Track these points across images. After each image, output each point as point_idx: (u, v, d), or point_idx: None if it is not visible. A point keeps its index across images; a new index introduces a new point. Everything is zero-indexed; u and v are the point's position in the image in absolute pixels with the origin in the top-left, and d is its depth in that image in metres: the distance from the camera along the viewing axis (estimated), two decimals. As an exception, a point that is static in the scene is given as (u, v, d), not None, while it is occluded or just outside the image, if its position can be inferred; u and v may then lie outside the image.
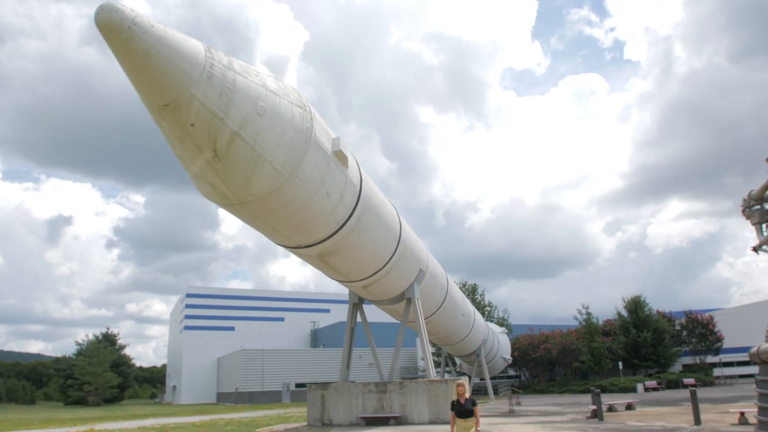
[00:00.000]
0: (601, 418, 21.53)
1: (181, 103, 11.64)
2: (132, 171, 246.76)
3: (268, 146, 14.19)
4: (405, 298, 24.22)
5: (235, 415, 36.20)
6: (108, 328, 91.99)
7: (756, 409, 13.70)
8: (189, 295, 79.35)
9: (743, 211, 15.24)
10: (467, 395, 9.98)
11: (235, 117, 13.14)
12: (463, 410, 9.82)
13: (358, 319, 26.38)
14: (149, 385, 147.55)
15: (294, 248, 18.54)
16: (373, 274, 21.37)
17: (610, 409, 25.72)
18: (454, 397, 10.05)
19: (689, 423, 18.90)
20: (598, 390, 22.59)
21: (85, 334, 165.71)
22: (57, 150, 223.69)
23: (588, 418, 23.02)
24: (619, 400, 30.42)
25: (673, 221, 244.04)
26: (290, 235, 17.38)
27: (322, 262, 19.60)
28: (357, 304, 25.62)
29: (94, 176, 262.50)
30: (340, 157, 16.72)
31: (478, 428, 9.86)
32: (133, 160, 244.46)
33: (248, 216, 16.23)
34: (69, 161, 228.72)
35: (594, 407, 23.49)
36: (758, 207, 14.73)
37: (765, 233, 14.48)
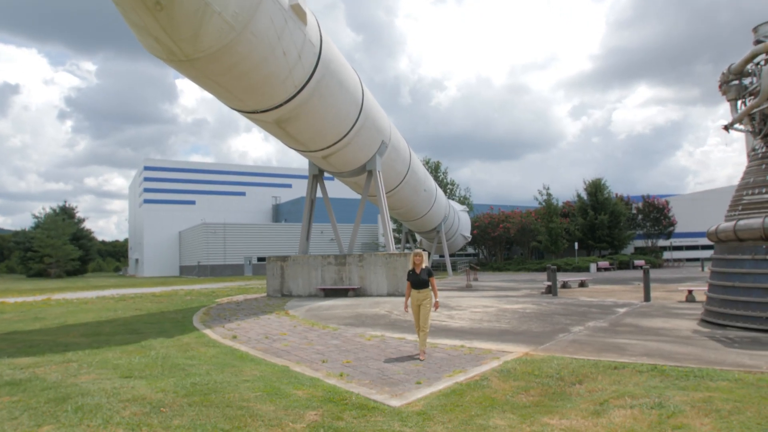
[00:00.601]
0: (555, 294, 21.99)
1: (108, -68, 9.98)
2: (80, 35, 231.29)
3: (216, -6, 12.62)
4: (366, 170, 23.54)
5: (196, 287, 36.32)
6: (65, 201, 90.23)
7: (706, 287, 13.87)
8: (147, 168, 77.29)
9: (720, 87, 14.54)
10: (424, 266, 9.51)
11: (176, -44, 11.51)
12: (419, 280, 9.36)
13: (319, 193, 25.75)
14: (113, 259, 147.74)
15: (249, 113, 17.34)
16: (334, 144, 20.47)
17: (564, 285, 26.39)
18: (410, 267, 9.60)
19: (639, 299, 19.37)
20: (554, 267, 22.92)
21: (42, 207, 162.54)
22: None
23: (542, 293, 23.54)
24: (572, 277, 31.29)
25: (639, 107, 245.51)
26: (245, 99, 16.13)
27: (279, 129, 18.52)
28: (317, 176, 24.88)
29: (40, 41, 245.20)
30: (298, 12, 15.16)
31: (437, 299, 9.50)
32: (80, 23, 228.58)
33: (198, 75, 14.85)
34: (9, 23, 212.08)
35: (549, 283, 23.98)
36: (736, 82, 14.01)
37: (740, 110, 13.90)
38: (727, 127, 14.26)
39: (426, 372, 8.15)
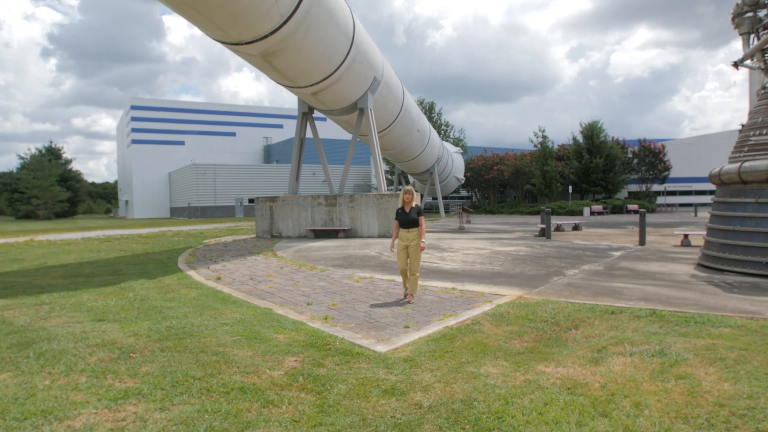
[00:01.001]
0: (548, 237, 21.69)
1: None
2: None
3: None
4: (357, 108, 22.74)
5: (185, 228, 35.91)
6: (51, 142, 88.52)
7: (702, 231, 13.51)
8: (134, 107, 75.33)
9: (733, 19, 13.75)
10: (414, 204, 9.01)
11: None
12: (407, 219, 8.87)
13: (309, 133, 24.97)
14: (104, 200, 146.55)
15: (233, 45, 16.41)
16: (323, 80, 19.61)
17: (558, 228, 26.11)
18: (399, 205, 9.08)
19: (634, 243, 19.11)
20: (549, 209, 22.54)
21: (27, 148, 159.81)
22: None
23: (536, 236, 23.27)
24: (566, 221, 31.03)
25: (638, 50, 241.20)
26: (227, 28, 15.19)
27: (266, 63, 17.61)
28: (307, 113, 24.05)
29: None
30: (284, -66, 14.09)
31: (423, 239, 9.02)
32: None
33: (176, 2, 13.89)
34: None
35: (542, 226, 23.68)
36: (750, 14, 13.23)
37: (753, 45, 13.17)
38: (736, 64, 13.57)
39: (415, 315, 7.78)
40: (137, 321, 7.42)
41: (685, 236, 18.40)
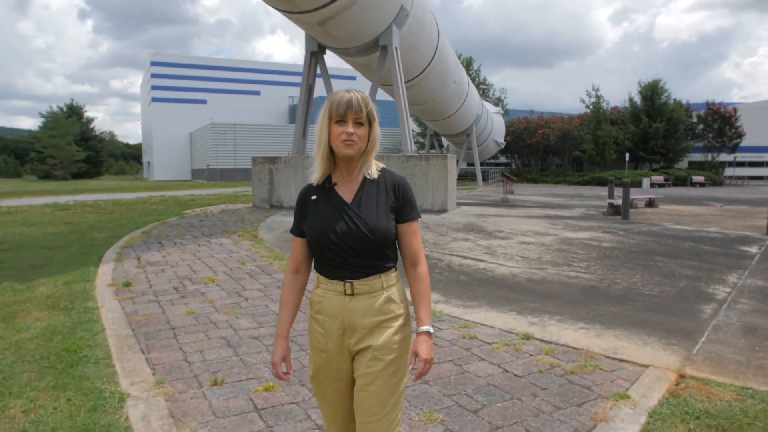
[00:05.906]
0: (626, 217, 16.55)
1: None
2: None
3: None
4: (379, 46, 17.61)
5: (182, 193, 31.68)
6: (72, 100, 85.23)
7: None
8: (154, 63, 70.78)
9: None
10: (375, 170, 2.02)
11: None
12: (354, 231, 1.93)
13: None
14: (137, 162, 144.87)
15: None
16: (332, 2, 14.51)
17: (631, 205, 20.81)
18: (316, 177, 2.04)
19: (755, 230, 13.92)
20: (628, 180, 17.33)
21: (49, 106, 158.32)
22: None
23: (605, 214, 18.18)
24: (637, 195, 25.55)
25: (685, 12, 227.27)
26: None
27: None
28: (316, 53, 19.03)
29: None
30: None
31: (428, 326, 1.97)
32: None
33: None
34: None
35: (612, 201, 18.59)
36: None
37: None
38: None
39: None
40: None
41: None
